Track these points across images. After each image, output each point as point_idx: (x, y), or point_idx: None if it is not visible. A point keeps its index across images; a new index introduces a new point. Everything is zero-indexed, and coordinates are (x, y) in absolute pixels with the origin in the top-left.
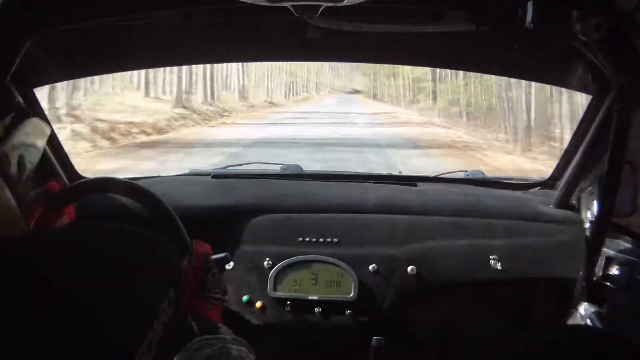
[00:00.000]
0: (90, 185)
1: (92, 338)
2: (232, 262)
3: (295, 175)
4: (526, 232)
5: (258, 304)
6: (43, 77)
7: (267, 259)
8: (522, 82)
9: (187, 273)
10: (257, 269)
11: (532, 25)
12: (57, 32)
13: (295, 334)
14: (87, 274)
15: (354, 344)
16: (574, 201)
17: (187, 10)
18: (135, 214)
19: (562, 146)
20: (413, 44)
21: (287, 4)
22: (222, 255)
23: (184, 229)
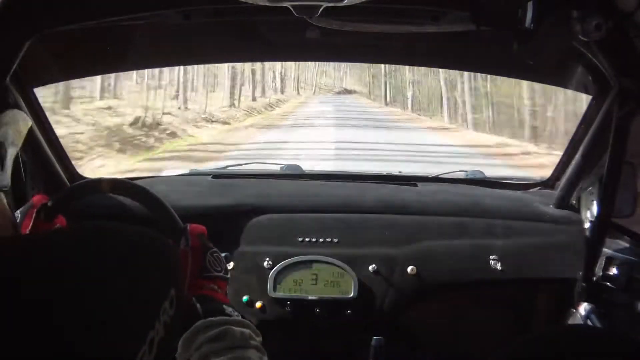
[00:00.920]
0: (77, 191)
1: (92, 338)
2: (232, 262)
3: (295, 175)
4: (526, 232)
5: (258, 304)
6: (43, 77)
7: (267, 259)
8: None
9: (185, 255)
10: (257, 269)
11: (532, 25)
12: (57, 32)
13: (295, 334)
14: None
15: (354, 344)
16: (574, 201)
17: (188, 10)
18: (134, 213)
19: None
20: (413, 44)
21: (287, 4)
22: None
23: (175, 214)
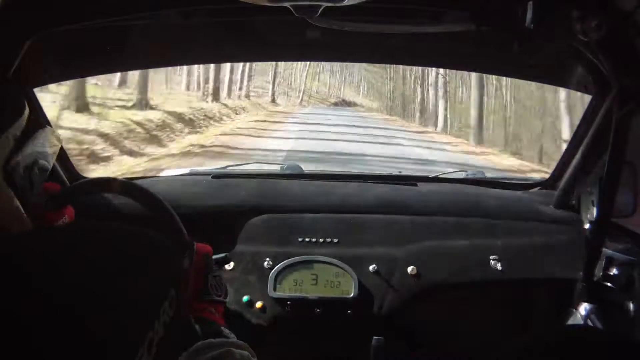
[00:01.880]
0: (90, 185)
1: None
2: (232, 262)
3: (295, 175)
4: (526, 232)
5: (258, 304)
6: (43, 77)
7: (267, 259)
8: None
9: (187, 274)
10: (257, 269)
11: (532, 25)
12: (57, 32)
13: (295, 334)
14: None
15: (354, 344)
16: (574, 201)
17: (187, 10)
18: (136, 213)
19: None
20: (413, 44)
21: (287, 4)
22: (222, 256)
23: (184, 230)
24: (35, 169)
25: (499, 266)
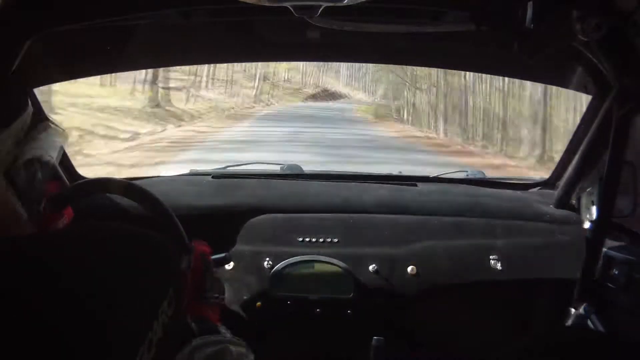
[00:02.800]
0: (90, 186)
1: (92, 338)
2: (232, 262)
3: (295, 175)
4: (526, 232)
5: (258, 304)
6: (43, 77)
7: (267, 259)
8: None
9: (185, 274)
10: (257, 269)
11: (532, 25)
12: (57, 32)
13: (295, 334)
14: (87, 274)
15: (354, 344)
16: (574, 201)
17: (187, 10)
18: (135, 214)
19: None
20: (413, 44)
21: (287, 4)
22: (222, 255)
23: (183, 230)
24: (39, 171)
25: (498, 266)
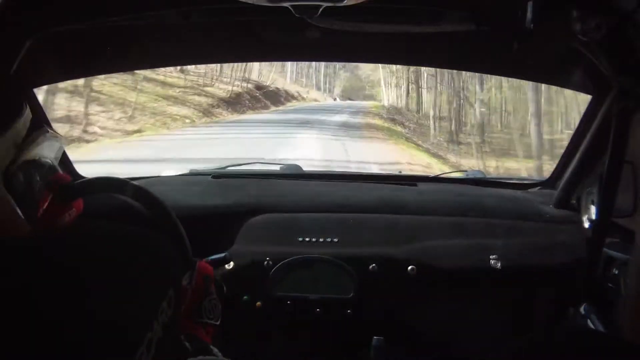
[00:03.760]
0: (104, 184)
1: (92, 338)
2: (232, 262)
3: (295, 175)
4: (526, 232)
5: (258, 303)
6: (43, 77)
7: (267, 258)
8: None
9: (185, 292)
10: (257, 268)
11: (532, 25)
12: (57, 32)
13: (295, 333)
14: (88, 274)
15: (354, 344)
16: (574, 201)
17: (187, 10)
18: (137, 214)
19: None
20: (413, 44)
21: (287, 4)
22: (222, 255)
23: (189, 245)
24: (37, 173)
25: (498, 266)
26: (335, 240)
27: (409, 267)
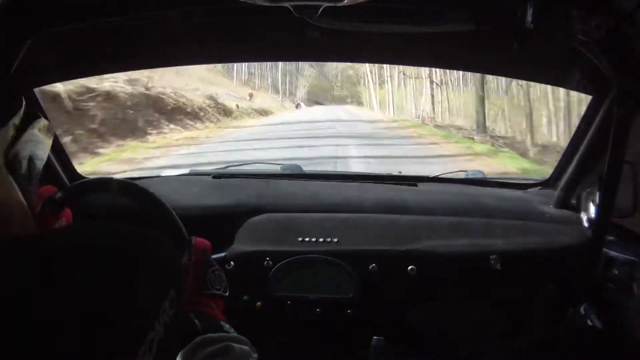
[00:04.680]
0: (88, 187)
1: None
2: (232, 262)
3: (295, 175)
4: (526, 232)
5: (258, 303)
6: (43, 77)
7: (267, 258)
8: None
9: (187, 269)
10: (257, 268)
11: (532, 25)
12: (57, 32)
13: (295, 333)
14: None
15: (354, 344)
16: (574, 201)
17: (187, 10)
18: (136, 213)
19: None
20: (413, 44)
21: (287, 4)
22: (221, 255)
23: (182, 226)
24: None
25: (498, 266)
26: (335, 240)
27: (409, 267)
